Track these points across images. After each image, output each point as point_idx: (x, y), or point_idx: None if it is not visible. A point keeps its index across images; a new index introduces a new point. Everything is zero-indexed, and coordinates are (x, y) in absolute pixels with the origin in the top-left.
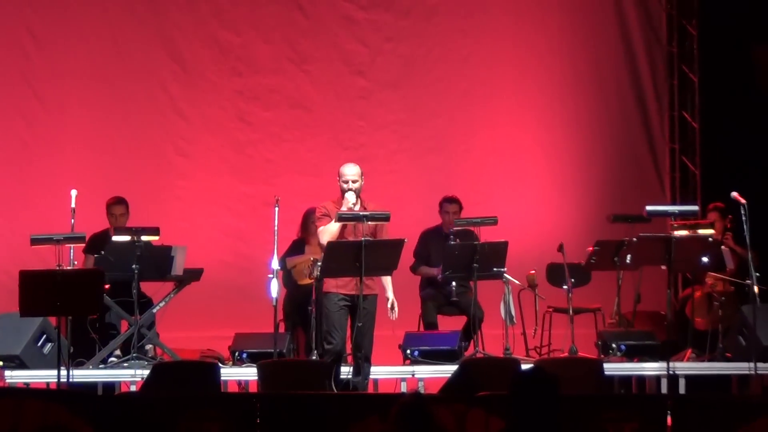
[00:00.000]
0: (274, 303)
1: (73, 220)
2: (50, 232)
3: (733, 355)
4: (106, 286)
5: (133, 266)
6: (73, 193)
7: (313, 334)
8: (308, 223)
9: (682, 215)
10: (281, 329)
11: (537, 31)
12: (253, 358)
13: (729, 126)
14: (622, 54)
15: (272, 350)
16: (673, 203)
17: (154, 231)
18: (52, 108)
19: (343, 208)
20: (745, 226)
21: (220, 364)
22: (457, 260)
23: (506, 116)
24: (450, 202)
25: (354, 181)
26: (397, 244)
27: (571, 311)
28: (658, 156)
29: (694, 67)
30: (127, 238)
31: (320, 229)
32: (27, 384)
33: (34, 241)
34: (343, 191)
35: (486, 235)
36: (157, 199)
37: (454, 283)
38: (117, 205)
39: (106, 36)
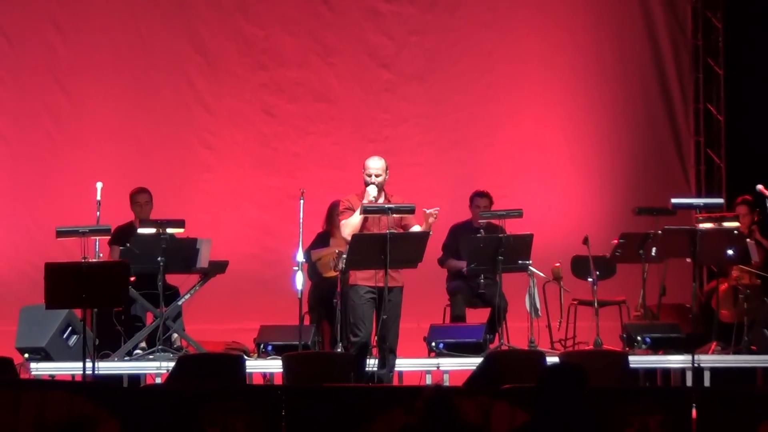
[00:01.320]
0: (299, 295)
1: (98, 213)
2: (76, 224)
3: (759, 348)
4: (132, 279)
5: (159, 258)
6: (99, 185)
7: (338, 326)
8: (333, 216)
9: (707, 208)
10: (306, 321)
11: (561, 24)
12: (278, 351)
13: (754, 118)
14: (647, 47)
15: (297, 342)
16: (698, 196)
17: (180, 223)
18: (77, 101)
19: (364, 202)
20: None
21: (245, 357)
22: (482, 253)
23: (531, 109)
24: (481, 196)
25: (377, 175)
26: (422, 237)
27: (596, 304)
28: (683, 149)
29: (719, 59)
30: (152, 230)
31: (342, 222)
32: (52, 376)
33: (60, 234)
34: (367, 184)
35: (511, 227)
36: (182, 191)
37: (482, 277)
38: (141, 193)
39: (131, 29)
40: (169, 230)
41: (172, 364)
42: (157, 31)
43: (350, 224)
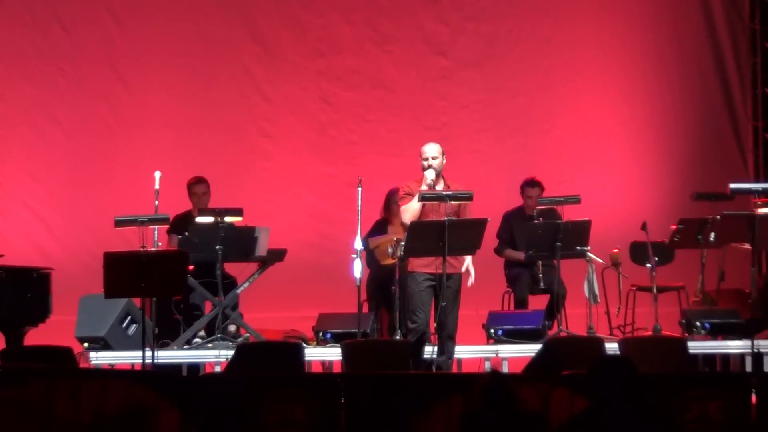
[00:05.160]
0: (358, 283)
1: (156, 202)
2: (134, 213)
3: None
4: (190, 267)
5: (217, 247)
6: (157, 174)
7: (396, 314)
8: (391, 204)
9: (766, 193)
10: (365, 309)
11: (618, 9)
12: (336, 338)
13: None
14: (704, 32)
15: (356, 330)
16: (756, 181)
17: (238, 212)
18: (134, 90)
19: (423, 186)
20: None
21: (304, 345)
22: (540, 239)
23: (588, 95)
24: (532, 185)
25: (434, 158)
26: (481, 224)
27: (654, 289)
28: (741, 133)
29: None
30: (210, 219)
31: (402, 207)
32: (112, 365)
33: (118, 223)
34: (424, 169)
35: (569, 213)
36: (240, 180)
37: (541, 263)
38: (198, 184)
39: (188, 18)
40: (227, 219)
41: (231, 353)
42: (213, 19)
43: (410, 209)
